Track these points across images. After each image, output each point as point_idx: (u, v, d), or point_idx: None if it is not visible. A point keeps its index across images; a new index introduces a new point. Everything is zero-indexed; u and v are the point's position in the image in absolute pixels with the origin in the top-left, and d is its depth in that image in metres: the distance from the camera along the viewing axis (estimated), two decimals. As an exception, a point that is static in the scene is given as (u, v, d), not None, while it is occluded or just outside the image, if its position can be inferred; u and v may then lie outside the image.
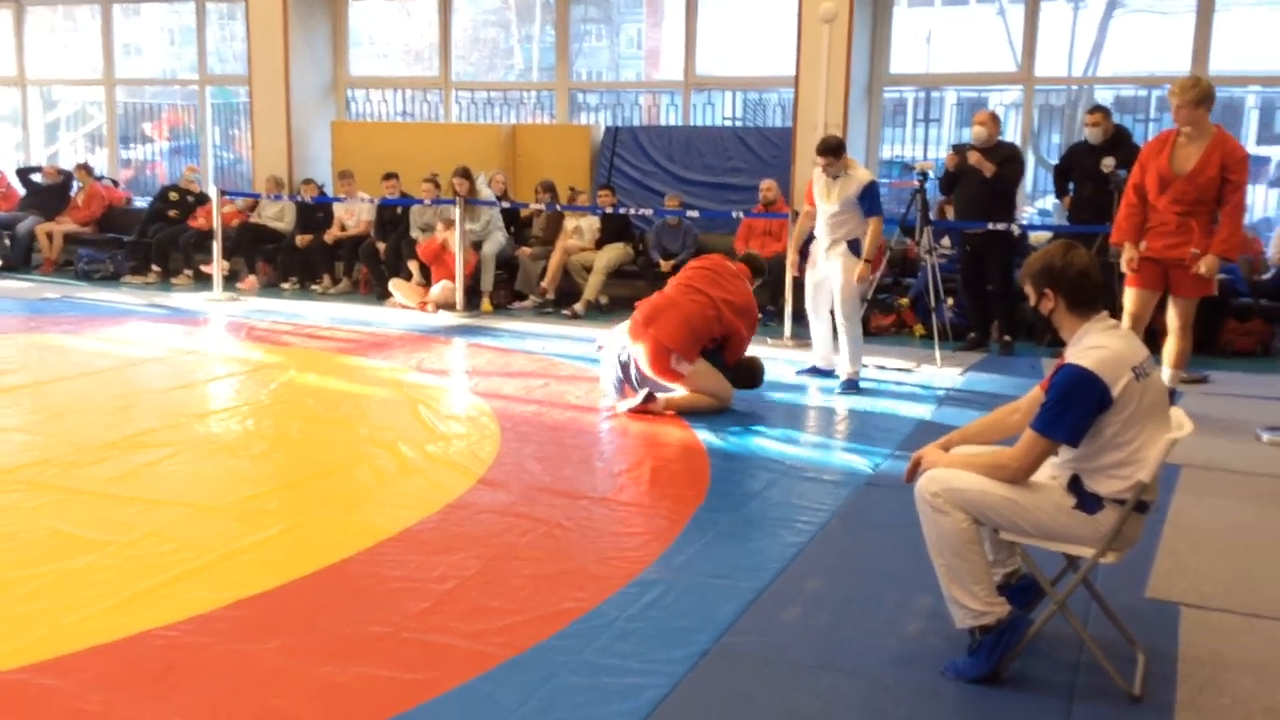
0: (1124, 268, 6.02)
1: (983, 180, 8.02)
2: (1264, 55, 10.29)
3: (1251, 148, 10.05)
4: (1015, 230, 8.30)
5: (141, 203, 13.00)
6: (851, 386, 6.85)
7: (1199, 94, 5.65)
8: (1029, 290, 3.18)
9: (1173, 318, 5.99)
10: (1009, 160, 8.08)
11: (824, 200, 6.85)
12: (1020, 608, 3.22)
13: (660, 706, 2.97)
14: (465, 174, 9.83)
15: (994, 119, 8.23)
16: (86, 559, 3.90)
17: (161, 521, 4.28)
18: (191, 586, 3.68)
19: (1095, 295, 3.10)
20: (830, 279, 6.87)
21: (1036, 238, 9.26)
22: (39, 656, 3.18)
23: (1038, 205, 10.73)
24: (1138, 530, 3.08)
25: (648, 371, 6.08)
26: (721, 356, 6.28)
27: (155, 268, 11.50)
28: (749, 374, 6.46)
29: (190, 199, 11.90)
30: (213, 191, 10.64)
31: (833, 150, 6.76)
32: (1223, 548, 4.19)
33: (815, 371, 7.22)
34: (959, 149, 8.34)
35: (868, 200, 6.73)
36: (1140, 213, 5.96)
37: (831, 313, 6.96)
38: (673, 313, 6.13)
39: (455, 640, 3.31)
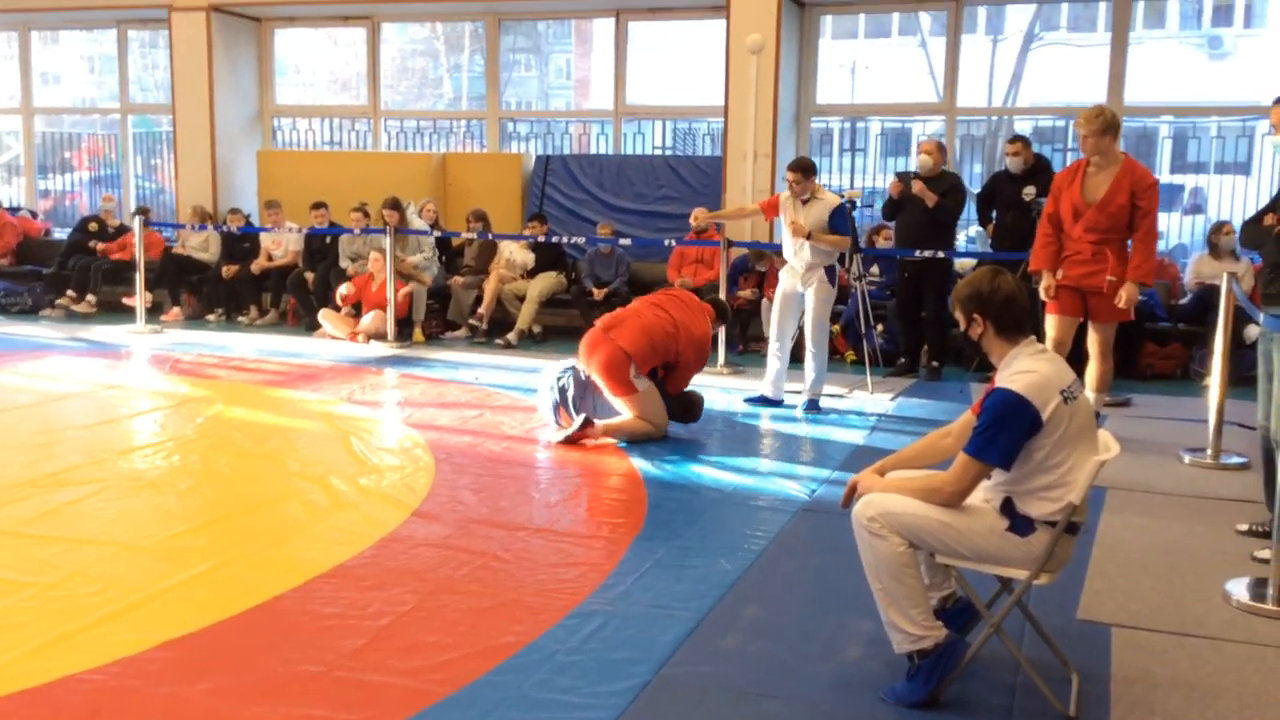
0: (1043, 295, 6.14)
1: (925, 209, 8.15)
2: (1176, 86, 10.65)
3: (1165, 177, 10.38)
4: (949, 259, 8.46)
5: (61, 234, 12.70)
6: (814, 406, 7.01)
7: (1103, 123, 5.78)
8: (959, 316, 3.24)
9: (1093, 343, 6.11)
10: (952, 190, 8.23)
11: (795, 225, 6.89)
12: (957, 631, 3.25)
13: (602, 739, 2.95)
14: (394, 204, 9.77)
15: (940, 148, 8.38)
16: (6, 601, 3.77)
17: (85, 561, 4.16)
18: (117, 628, 3.57)
19: (1023, 320, 3.17)
20: (804, 304, 6.97)
21: (961, 265, 9.44)
22: (-44, 705, 3.06)
23: (962, 234, 10.94)
24: (1069, 551, 3.13)
25: (602, 382, 6.06)
26: (664, 385, 6.28)
27: (90, 298, 11.22)
28: (687, 407, 6.45)
29: (111, 229, 11.66)
30: (134, 222, 10.44)
31: (803, 169, 6.90)
32: (1150, 568, 4.28)
33: (764, 401, 7.22)
34: (903, 176, 8.48)
35: (837, 221, 6.87)
36: (1056, 241, 6.09)
37: (798, 337, 7.10)
38: (635, 321, 6.18)
39: (392, 678, 3.26)
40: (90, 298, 11.17)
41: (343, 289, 9.90)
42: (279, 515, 4.86)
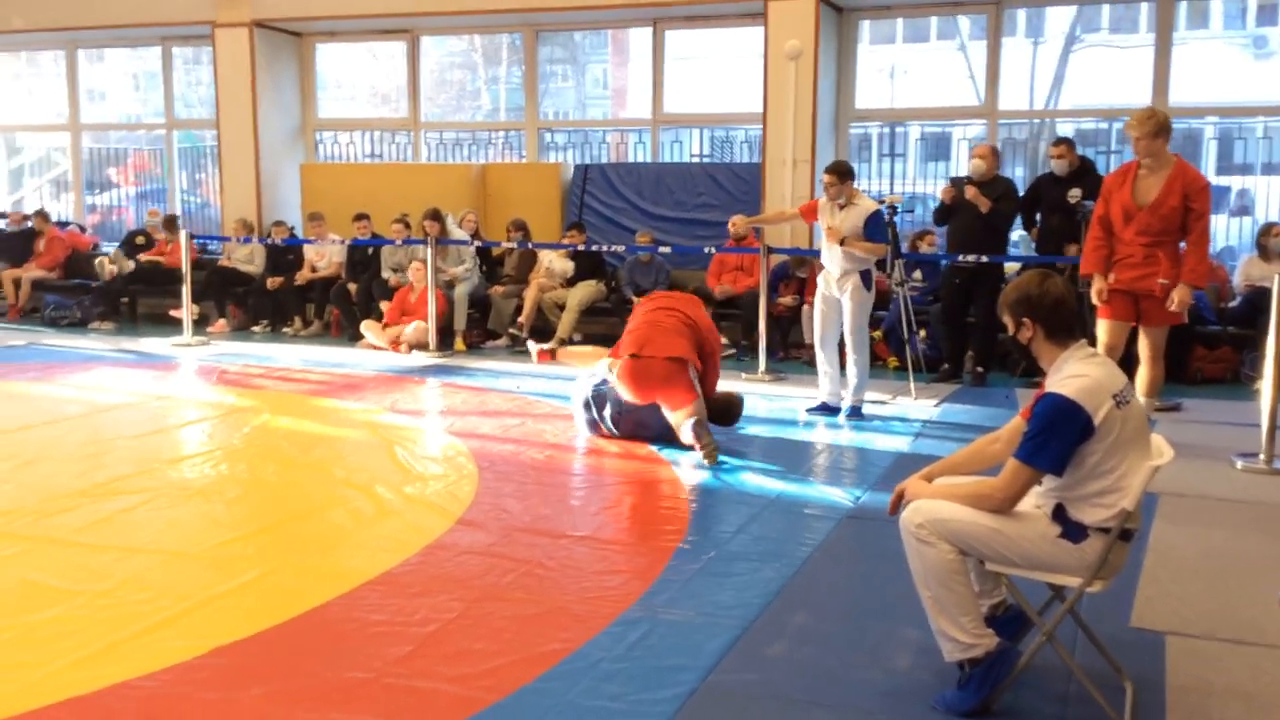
0: (1094, 299, 6.07)
1: (978, 214, 8.09)
2: (1221, 87, 10.50)
3: (1211, 178, 10.21)
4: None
5: (109, 248, 12.89)
6: (856, 413, 6.94)
7: (1155, 125, 5.73)
8: (1007, 320, 3.20)
9: (1144, 347, 6.03)
10: (1005, 195, 8.16)
11: (830, 230, 6.86)
12: (1008, 639, 3.21)
13: (650, 747, 2.94)
14: (435, 215, 9.84)
15: (994, 153, 8.33)
16: (58, 609, 3.82)
17: (135, 569, 4.21)
18: (168, 635, 3.61)
19: (1072, 323, 3.13)
20: (842, 309, 6.90)
21: (1007, 269, 9.35)
22: (9, 711, 3.09)
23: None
24: (1123, 558, 3.09)
25: (671, 402, 6.01)
26: (702, 386, 6.25)
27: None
28: (726, 409, 6.45)
29: (156, 243, 11.82)
30: (181, 235, 10.57)
31: (839, 172, 6.83)
32: (1204, 574, 4.20)
33: (825, 409, 7.09)
34: (956, 182, 8.42)
35: (872, 228, 6.80)
36: (1107, 245, 6.02)
37: (840, 344, 7.03)
38: (660, 330, 6.13)
39: (439, 685, 3.26)
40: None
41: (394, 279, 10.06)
42: (325, 523, 4.89)
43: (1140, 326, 6.03)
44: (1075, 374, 3.03)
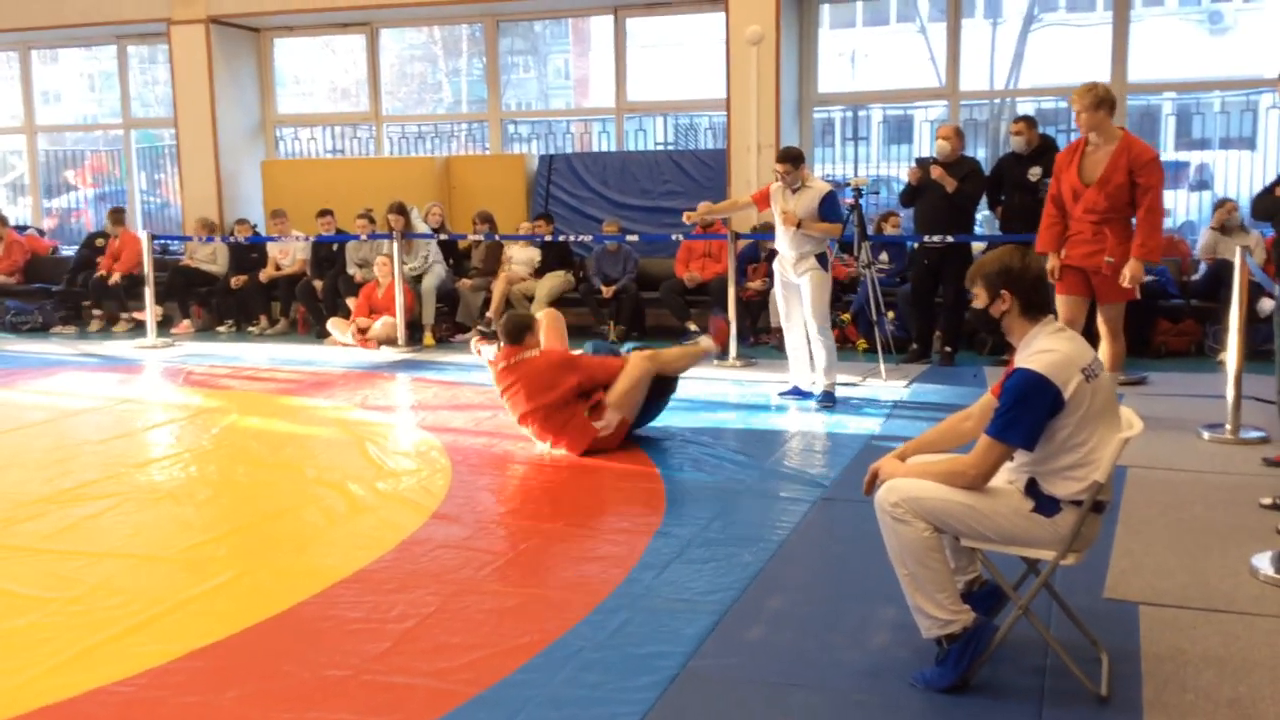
0: (1048, 277, 6.09)
1: (944, 195, 8.12)
2: (1178, 63, 10.59)
3: (1170, 154, 10.33)
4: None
5: (68, 251, 12.73)
6: (828, 399, 6.86)
7: (1095, 98, 5.67)
8: (980, 291, 3.19)
9: (1101, 324, 6.03)
10: (971, 175, 8.20)
11: (786, 215, 6.79)
12: (984, 614, 3.24)
13: (632, 735, 2.93)
14: (400, 209, 9.76)
15: (958, 134, 8.35)
16: (30, 617, 3.77)
17: (106, 575, 4.16)
18: (142, 639, 3.57)
19: (1047, 300, 3.15)
20: (801, 294, 6.84)
21: (974, 249, 9.40)
22: (-15, 721, 3.06)
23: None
24: (1095, 530, 3.11)
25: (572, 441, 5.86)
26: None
27: (96, 312, 11.27)
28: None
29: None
30: (142, 235, 10.44)
31: (791, 159, 6.76)
32: (1175, 545, 4.25)
33: (797, 392, 7.08)
34: (922, 163, 8.45)
35: (828, 208, 6.75)
36: (1060, 222, 6.02)
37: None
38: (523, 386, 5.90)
39: (418, 680, 3.25)
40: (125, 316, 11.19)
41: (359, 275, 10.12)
42: (298, 522, 4.86)
43: (1096, 302, 6.05)
44: (1044, 349, 3.05)
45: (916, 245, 8.54)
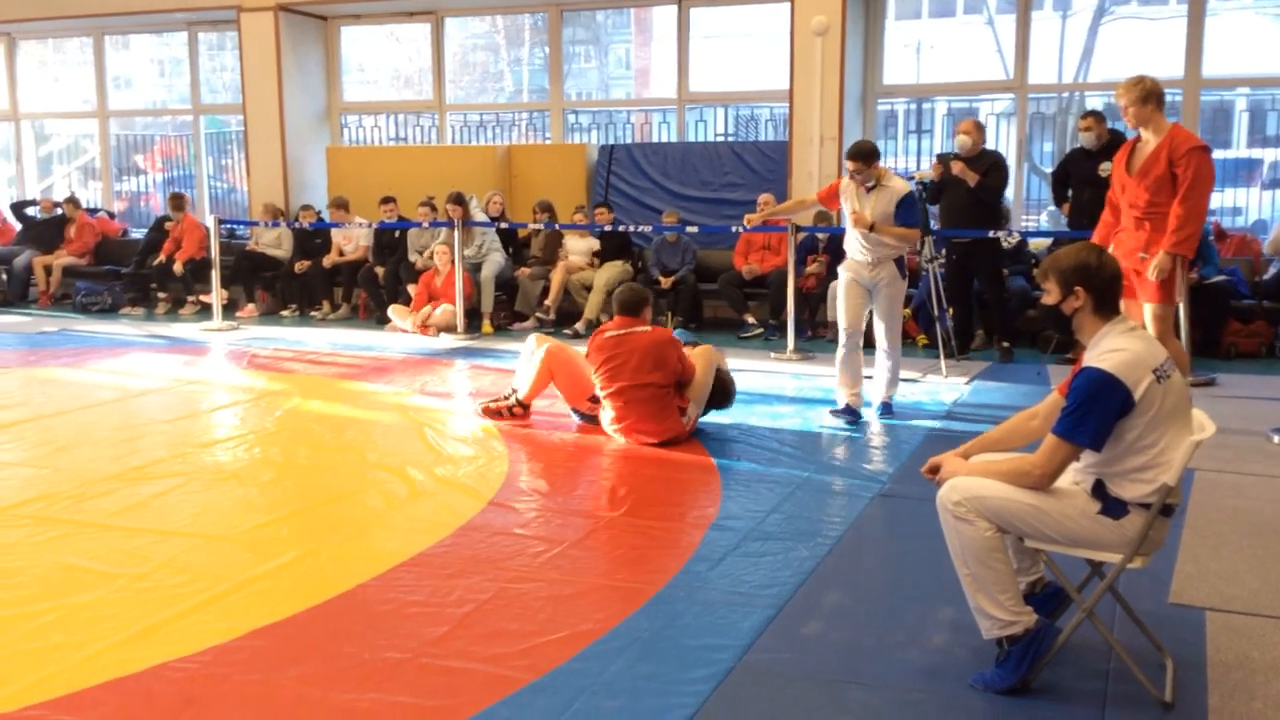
0: None
1: (968, 189, 8.03)
2: (1254, 57, 10.33)
3: (1242, 150, 10.09)
4: (1014, 239, 8.32)
5: (138, 234, 12.98)
6: (887, 411, 6.43)
7: (1142, 91, 5.43)
8: (1052, 287, 3.12)
9: (1148, 326, 5.57)
10: (993, 169, 8.09)
11: (857, 216, 6.22)
12: (1046, 616, 3.19)
13: (688, 727, 2.93)
14: (458, 199, 9.82)
15: (978, 127, 8.23)
16: (97, 593, 3.85)
17: (172, 552, 4.24)
18: (206, 617, 3.63)
19: (1120, 299, 3.09)
20: (875, 300, 6.30)
21: (1036, 245, 9.27)
22: (52, 693, 3.12)
23: (1043, 214, 10.71)
24: (1163, 534, 3.06)
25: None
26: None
27: (162, 295, 11.51)
28: (723, 392, 6.22)
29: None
30: (209, 221, 10.62)
31: (863, 156, 6.11)
32: (1243, 550, 4.16)
33: (850, 412, 6.34)
34: (943, 158, 8.36)
35: (905, 211, 6.15)
36: (1113, 221, 5.84)
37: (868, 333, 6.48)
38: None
39: (475, 665, 3.27)
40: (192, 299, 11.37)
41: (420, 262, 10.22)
42: (359, 505, 4.91)
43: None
44: (1114, 348, 2.99)
45: (945, 241, 8.40)
